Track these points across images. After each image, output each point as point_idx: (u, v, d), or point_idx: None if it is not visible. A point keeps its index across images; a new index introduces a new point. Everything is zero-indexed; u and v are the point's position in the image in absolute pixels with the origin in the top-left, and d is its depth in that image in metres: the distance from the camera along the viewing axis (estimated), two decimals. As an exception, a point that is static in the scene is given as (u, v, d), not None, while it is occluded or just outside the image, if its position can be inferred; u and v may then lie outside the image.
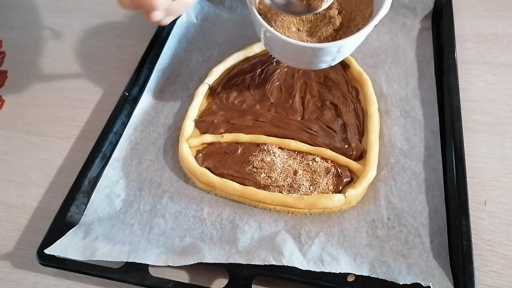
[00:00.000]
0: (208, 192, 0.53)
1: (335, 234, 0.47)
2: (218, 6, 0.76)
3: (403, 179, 0.51)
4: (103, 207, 0.52)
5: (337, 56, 0.49)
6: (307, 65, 0.51)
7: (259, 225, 0.49)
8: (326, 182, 0.51)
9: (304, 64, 0.51)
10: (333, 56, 0.48)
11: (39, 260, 0.47)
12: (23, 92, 0.70)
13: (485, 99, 0.60)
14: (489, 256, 0.46)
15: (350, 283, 0.43)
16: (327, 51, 0.47)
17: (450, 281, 0.42)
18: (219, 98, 0.62)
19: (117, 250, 0.46)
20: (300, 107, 0.60)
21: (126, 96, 0.62)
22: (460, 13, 0.70)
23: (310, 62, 0.50)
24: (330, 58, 0.49)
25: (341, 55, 0.49)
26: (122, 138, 0.59)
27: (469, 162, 0.51)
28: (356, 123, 0.57)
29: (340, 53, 0.48)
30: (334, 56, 0.48)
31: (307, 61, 0.49)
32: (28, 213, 0.55)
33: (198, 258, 0.45)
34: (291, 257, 0.44)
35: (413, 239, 0.46)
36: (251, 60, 0.67)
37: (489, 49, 0.66)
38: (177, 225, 0.49)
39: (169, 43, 0.71)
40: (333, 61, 0.50)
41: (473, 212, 0.48)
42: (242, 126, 0.58)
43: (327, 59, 0.49)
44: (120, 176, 0.55)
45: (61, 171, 0.59)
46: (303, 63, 0.50)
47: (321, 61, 0.49)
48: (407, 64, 0.63)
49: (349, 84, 0.62)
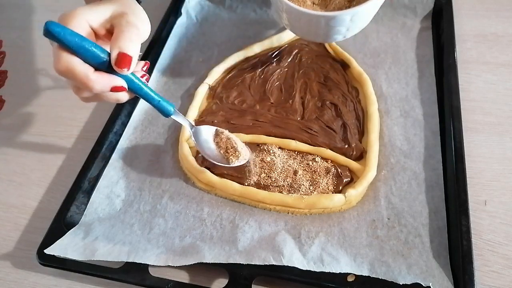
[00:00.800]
0: (208, 192, 0.53)
1: (335, 234, 0.47)
2: (218, 6, 0.76)
3: (403, 179, 0.51)
4: (103, 207, 0.52)
5: (351, 26, 0.50)
6: (323, 37, 0.52)
7: (259, 225, 0.49)
8: (326, 182, 0.51)
9: (320, 37, 0.52)
10: (347, 26, 0.49)
11: (39, 260, 0.47)
12: (23, 92, 0.70)
13: (485, 99, 0.60)
14: (489, 256, 0.46)
15: (350, 283, 0.43)
16: (340, 20, 0.48)
17: (450, 281, 0.42)
18: (219, 98, 0.62)
19: (117, 250, 0.46)
20: (300, 107, 0.60)
21: (126, 96, 0.62)
22: (460, 13, 0.70)
23: (325, 34, 0.51)
24: (344, 28, 0.50)
25: (355, 25, 0.50)
26: (122, 138, 0.59)
27: (469, 162, 0.51)
28: (356, 123, 0.57)
29: (354, 23, 0.49)
30: (348, 26, 0.49)
31: (322, 33, 0.51)
32: (28, 213, 0.55)
33: (198, 258, 0.45)
34: (291, 257, 0.44)
35: (413, 239, 0.46)
36: (251, 60, 0.67)
37: (489, 49, 0.66)
38: (177, 225, 0.49)
39: (169, 43, 0.71)
40: (348, 32, 0.51)
41: (473, 212, 0.48)
42: (242, 126, 0.58)
43: (341, 29, 0.50)
44: (120, 176, 0.55)
45: (61, 171, 0.59)
46: (319, 35, 0.52)
47: (336, 31, 0.50)
48: (407, 64, 0.63)
49: (349, 84, 0.62)
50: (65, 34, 0.35)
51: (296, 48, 0.68)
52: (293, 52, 0.67)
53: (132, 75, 0.40)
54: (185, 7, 0.75)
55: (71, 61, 0.36)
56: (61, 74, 0.37)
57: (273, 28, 0.72)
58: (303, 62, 0.66)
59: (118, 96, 0.41)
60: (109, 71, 0.38)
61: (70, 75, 0.37)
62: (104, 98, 0.40)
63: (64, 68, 0.36)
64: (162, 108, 0.44)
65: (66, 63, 0.36)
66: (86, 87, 0.37)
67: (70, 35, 0.35)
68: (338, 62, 0.65)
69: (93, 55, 0.37)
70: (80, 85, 0.38)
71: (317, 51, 0.67)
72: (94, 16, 0.39)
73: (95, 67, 0.37)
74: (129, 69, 0.38)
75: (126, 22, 0.39)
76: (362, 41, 0.68)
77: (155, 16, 0.74)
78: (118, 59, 0.37)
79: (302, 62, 0.66)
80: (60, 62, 0.36)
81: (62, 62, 0.36)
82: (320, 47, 0.68)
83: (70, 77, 0.37)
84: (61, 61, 0.36)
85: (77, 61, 0.36)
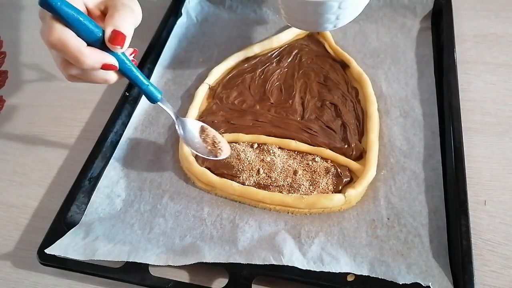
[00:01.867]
0: (208, 192, 0.53)
1: (335, 233, 0.47)
2: (218, 6, 0.77)
3: (402, 179, 0.51)
4: (103, 207, 0.52)
5: (341, 14, 0.50)
6: (312, 25, 0.53)
7: (259, 225, 0.49)
8: (326, 182, 0.51)
9: (310, 25, 0.53)
10: (335, 13, 0.50)
11: (40, 260, 0.47)
12: (23, 92, 0.70)
13: (485, 99, 0.60)
14: (488, 256, 0.46)
15: (350, 282, 0.43)
16: (328, 6, 0.48)
17: (449, 281, 0.42)
18: (219, 98, 0.62)
19: (117, 250, 0.46)
20: (300, 107, 0.60)
21: (127, 96, 0.62)
22: (460, 13, 0.70)
23: (315, 22, 0.52)
24: (334, 16, 0.50)
25: (344, 13, 0.50)
26: (123, 138, 0.59)
27: (469, 162, 0.51)
28: (355, 123, 0.57)
29: (343, 11, 0.50)
30: (337, 13, 0.50)
31: (311, 20, 0.52)
32: (28, 213, 0.55)
33: (198, 257, 0.45)
34: (291, 256, 0.44)
35: (412, 239, 0.46)
36: (251, 60, 0.67)
37: (488, 49, 0.66)
38: (177, 225, 0.50)
39: (169, 43, 0.71)
40: (338, 21, 0.52)
41: (472, 212, 0.48)
42: (242, 126, 0.58)
43: (330, 17, 0.50)
44: (121, 176, 0.55)
45: (61, 171, 0.59)
46: (308, 23, 0.53)
47: (325, 19, 0.51)
48: (406, 64, 0.63)
49: (349, 84, 0.62)
50: (62, 5, 0.35)
51: (296, 48, 0.68)
52: (293, 52, 0.67)
53: (123, 56, 0.40)
54: (185, 8, 0.75)
55: (65, 33, 0.35)
56: (52, 46, 0.36)
57: (273, 28, 0.72)
58: (303, 62, 0.66)
59: (107, 75, 0.40)
60: (102, 48, 0.38)
61: (62, 48, 0.36)
62: (92, 77, 0.40)
63: (56, 40, 0.35)
64: (150, 93, 0.45)
65: (59, 35, 0.35)
66: (77, 62, 0.37)
67: (67, 7, 0.35)
68: (338, 62, 0.65)
69: (87, 30, 0.36)
70: (71, 59, 0.37)
71: (317, 51, 0.67)
72: None
73: (87, 42, 0.37)
74: (122, 47, 0.38)
75: (121, 3, 0.39)
76: (362, 41, 0.68)
77: (155, 16, 0.74)
78: (112, 36, 0.37)
79: (302, 62, 0.66)
80: (53, 33, 0.35)
81: (56, 34, 0.35)
82: (320, 47, 0.68)
83: (61, 49, 0.36)
84: (55, 33, 0.35)
85: (71, 33, 0.36)
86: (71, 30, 0.36)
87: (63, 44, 0.36)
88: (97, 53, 0.38)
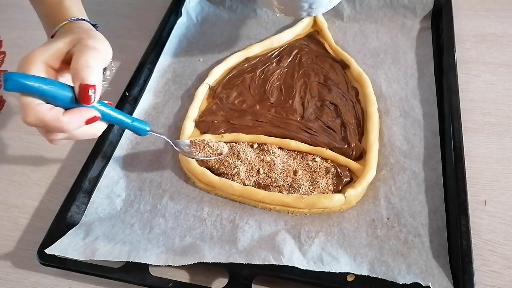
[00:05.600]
0: (208, 192, 0.53)
1: (335, 233, 0.47)
2: (218, 6, 0.77)
3: (402, 179, 0.51)
4: (103, 207, 0.52)
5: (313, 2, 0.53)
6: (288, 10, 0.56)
7: (259, 225, 0.49)
8: (326, 182, 0.51)
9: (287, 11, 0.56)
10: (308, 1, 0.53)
11: (40, 259, 0.47)
12: (24, 92, 0.70)
13: (485, 99, 0.60)
14: (488, 255, 0.46)
15: (350, 282, 0.43)
16: None
17: (449, 281, 0.42)
18: (219, 98, 0.62)
19: (117, 250, 0.46)
20: (300, 107, 0.60)
21: (127, 96, 0.62)
22: (460, 13, 0.70)
23: (290, 6, 0.55)
24: (306, 4, 0.53)
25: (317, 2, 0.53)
26: (123, 138, 0.59)
27: (469, 162, 0.51)
28: (355, 123, 0.57)
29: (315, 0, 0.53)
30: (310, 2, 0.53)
31: (287, 4, 0.55)
32: (28, 213, 0.55)
33: (198, 257, 0.45)
34: (291, 256, 0.44)
35: (412, 239, 0.46)
36: (251, 60, 0.67)
37: (488, 49, 0.66)
38: (177, 225, 0.50)
39: (170, 43, 0.71)
40: (311, 10, 0.54)
41: (472, 212, 0.48)
42: (242, 126, 0.58)
43: (303, 5, 0.53)
44: (121, 176, 0.55)
45: (61, 171, 0.59)
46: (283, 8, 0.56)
47: (299, 6, 0.54)
48: (406, 64, 0.63)
49: (349, 84, 0.62)
50: (26, 84, 0.35)
51: (296, 48, 0.68)
52: (293, 52, 0.67)
53: (99, 103, 0.39)
54: (185, 8, 0.75)
55: (39, 111, 0.36)
56: (32, 126, 0.37)
57: (273, 28, 0.72)
58: (303, 62, 0.66)
59: (93, 129, 0.40)
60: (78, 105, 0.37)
61: (42, 124, 0.36)
62: (79, 136, 0.40)
63: (33, 120, 0.36)
64: (137, 129, 0.44)
65: (34, 114, 0.36)
66: (61, 131, 0.37)
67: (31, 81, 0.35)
68: (338, 62, 0.65)
69: (58, 95, 0.36)
70: (53, 130, 0.37)
71: (317, 51, 0.68)
72: (50, 55, 0.38)
73: (63, 106, 0.37)
74: (94, 100, 0.37)
75: (84, 46, 0.38)
76: (362, 41, 0.68)
77: (155, 16, 0.74)
78: (81, 92, 0.36)
79: (302, 62, 0.66)
80: (28, 114, 0.36)
81: (30, 114, 0.36)
82: (320, 47, 0.68)
83: (41, 126, 0.37)
84: (30, 113, 0.36)
85: (44, 109, 0.36)
86: (43, 99, 0.36)
87: (41, 121, 0.36)
88: (75, 115, 0.37)
